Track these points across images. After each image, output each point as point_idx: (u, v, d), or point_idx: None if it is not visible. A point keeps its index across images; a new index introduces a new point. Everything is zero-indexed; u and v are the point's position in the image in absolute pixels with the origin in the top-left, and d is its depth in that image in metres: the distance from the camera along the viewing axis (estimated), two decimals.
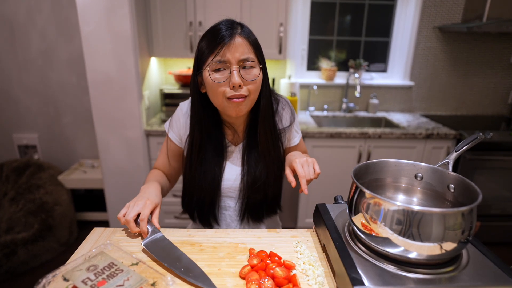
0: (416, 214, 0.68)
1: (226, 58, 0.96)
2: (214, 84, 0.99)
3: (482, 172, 2.51)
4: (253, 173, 1.13)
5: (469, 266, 0.74)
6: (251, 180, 1.14)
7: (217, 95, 1.01)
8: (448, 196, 0.85)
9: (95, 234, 0.99)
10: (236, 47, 0.97)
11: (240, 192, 1.17)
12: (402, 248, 0.71)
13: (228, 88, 0.99)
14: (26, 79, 2.89)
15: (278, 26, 2.52)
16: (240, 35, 0.98)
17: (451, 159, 0.88)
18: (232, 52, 0.96)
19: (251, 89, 1.01)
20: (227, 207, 1.21)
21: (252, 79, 1.00)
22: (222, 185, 1.16)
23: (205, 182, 1.14)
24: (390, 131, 2.51)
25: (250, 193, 1.15)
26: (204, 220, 1.22)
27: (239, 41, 0.97)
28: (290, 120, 1.20)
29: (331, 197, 1.17)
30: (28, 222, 2.46)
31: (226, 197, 1.20)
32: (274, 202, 1.26)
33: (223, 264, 0.86)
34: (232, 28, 0.98)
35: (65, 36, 2.79)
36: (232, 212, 1.21)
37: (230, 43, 0.96)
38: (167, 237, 0.96)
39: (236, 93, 0.99)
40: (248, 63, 0.99)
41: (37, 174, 2.74)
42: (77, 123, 3.04)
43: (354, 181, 0.80)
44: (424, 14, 2.88)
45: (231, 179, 1.16)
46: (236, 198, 1.19)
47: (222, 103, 1.02)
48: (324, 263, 0.87)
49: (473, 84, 3.10)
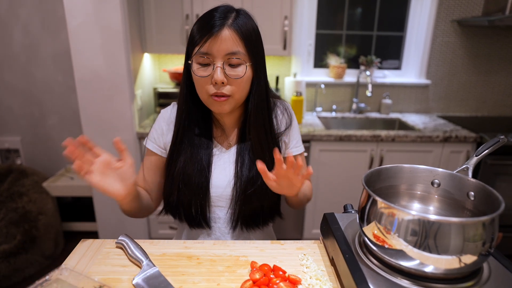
0: (433, 224, 0.68)
1: (210, 51, 0.96)
2: (198, 79, 1.00)
3: (505, 179, 2.51)
4: (245, 180, 1.10)
5: (490, 280, 0.74)
6: (243, 186, 1.10)
7: (201, 90, 1.02)
8: (468, 205, 0.85)
9: (83, 246, 0.99)
10: (223, 40, 0.95)
11: (231, 202, 1.13)
12: (418, 261, 0.71)
13: (211, 85, 0.99)
14: (7, 77, 2.91)
15: (282, 20, 2.53)
16: (230, 26, 0.96)
17: (471, 164, 0.89)
18: (218, 46, 0.96)
19: (235, 89, 1.00)
20: (216, 218, 1.16)
21: (236, 77, 0.99)
22: (211, 192, 1.12)
23: (192, 174, 1.09)
24: (404, 133, 2.51)
25: (243, 202, 1.11)
26: (192, 220, 1.16)
27: (227, 33, 0.96)
28: (286, 124, 1.19)
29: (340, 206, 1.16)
30: (9, 233, 2.46)
31: (215, 207, 1.15)
32: (273, 210, 1.23)
33: (222, 279, 0.86)
34: (225, 18, 0.97)
35: (50, 30, 2.81)
36: (222, 224, 1.17)
37: (217, 35, 0.95)
38: (162, 250, 0.96)
39: (218, 91, 0.99)
40: (234, 59, 0.98)
41: (19, 181, 2.75)
42: (64, 125, 3.05)
43: (365, 188, 0.80)
44: (442, 6, 2.89)
45: (221, 186, 1.12)
46: (227, 208, 1.15)
47: (206, 100, 1.03)
48: (333, 277, 0.87)
49: (495, 83, 3.10)
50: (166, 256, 0.95)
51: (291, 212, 2.69)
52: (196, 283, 0.85)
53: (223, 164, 1.13)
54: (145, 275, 0.86)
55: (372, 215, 0.77)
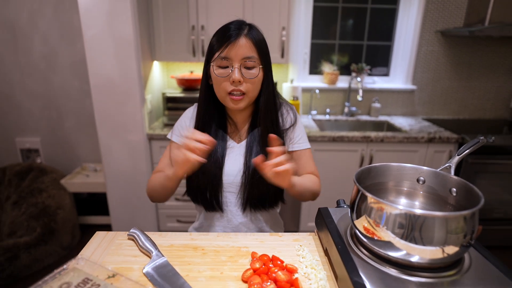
0: (418, 217, 0.68)
1: (229, 56, 1.05)
2: (217, 79, 1.08)
3: (484, 176, 2.51)
4: (253, 168, 1.13)
5: (471, 269, 0.74)
6: (251, 174, 1.15)
7: (219, 89, 1.10)
8: (450, 200, 0.85)
9: (98, 238, 1.00)
10: (240, 47, 1.04)
11: (240, 187, 1.18)
12: (404, 251, 0.71)
13: (229, 84, 1.07)
14: (28, 83, 2.91)
15: (280, 30, 2.53)
16: (246, 35, 1.06)
17: (453, 163, 0.89)
18: (236, 51, 1.04)
19: (250, 87, 1.09)
20: (228, 202, 1.21)
21: (251, 77, 1.07)
22: (223, 180, 1.18)
23: (208, 164, 1.13)
24: (392, 135, 2.51)
25: (251, 187, 1.16)
26: (207, 204, 1.22)
27: (244, 41, 1.05)
28: (291, 122, 1.24)
29: (333, 201, 1.16)
30: (30, 226, 2.47)
31: (227, 192, 1.20)
32: (277, 194, 1.25)
33: (225, 268, 0.86)
34: (240, 29, 1.06)
35: (67, 40, 2.81)
36: (233, 208, 1.22)
37: (235, 42, 1.04)
38: (170, 241, 0.96)
39: (235, 88, 1.07)
40: (249, 62, 1.06)
41: (39, 178, 2.75)
42: (80, 127, 3.05)
43: (356, 185, 0.80)
44: (426, 18, 2.89)
45: (232, 174, 1.18)
46: (237, 193, 1.20)
47: (224, 97, 1.11)
48: (327, 266, 0.88)
49: (475, 88, 3.10)
50: (174, 247, 0.95)
51: (288, 206, 2.69)
52: (201, 272, 0.85)
53: (235, 156, 1.19)
54: (154, 265, 0.86)
55: (362, 209, 0.77)
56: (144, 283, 0.80)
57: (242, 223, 1.22)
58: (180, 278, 0.82)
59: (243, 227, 1.23)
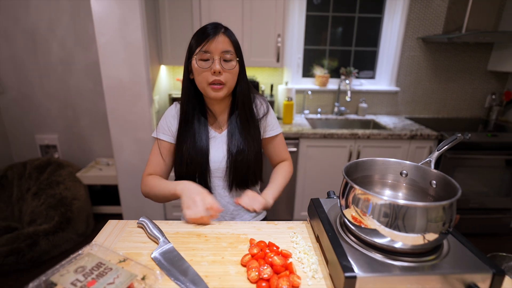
0: (401, 207, 0.68)
1: (209, 49, 1.07)
2: (199, 70, 1.09)
3: (462, 170, 2.51)
4: (235, 153, 1.18)
5: (449, 255, 0.74)
6: (234, 158, 1.18)
7: (201, 80, 1.10)
8: (431, 191, 0.85)
9: (110, 226, 0.99)
10: (219, 42, 1.07)
11: (226, 171, 1.20)
12: (389, 238, 0.71)
13: (210, 74, 1.08)
14: (47, 84, 2.89)
15: (276, 37, 2.52)
16: (223, 33, 1.08)
17: (433, 158, 0.88)
18: (215, 45, 1.07)
19: (228, 77, 1.10)
20: (215, 186, 1.23)
21: (230, 69, 1.10)
22: (210, 167, 1.19)
23: (194, 152, 1.17)
24: (378, 132, 2.51)
25: (235, 169, 1.19)
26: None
27: (222, 38, 1.08)
28: (264, 112, 1.27)
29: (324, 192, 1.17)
30: (49, 215, 2.46)
31: (214, 177, 1.22)
32: (256, 174, 1.28)
33: (226, 253, 0.86)
34: (217, 28, 1.09)
35: (82, 46, 2.79)
36: (221, 190, 1.23)
37: (214, 38, 1.06)
38: (176, 229, 0.96)
39: (216, 78, 1.08)
40: (228, 55, 1.08)
41: (57, 171, 2.74)
42: (94, 125, 3.04)
43: (345, 178, 0.80)
44: (409, 26, 2.88)
45: (218, 161, 1.19)
46: (223, 177, 1.21)
47: (206, 88, 1.11)
48: (318, 252, 0.87)
49: (453, 90, 3.09)
50: (179, 234, 0.95)
51: (283, 198, 2.69)
52: (204, 257, 0.84)
53: (218, 144, 1.21)
54: (161, 250, 0.86)
55: (350, 200, 0.77)
56: (152, 267, 0.80)
57: (230, 203, 1.24)
58: (184, 262, 0.82)
59: (231, 206, 1.24)
